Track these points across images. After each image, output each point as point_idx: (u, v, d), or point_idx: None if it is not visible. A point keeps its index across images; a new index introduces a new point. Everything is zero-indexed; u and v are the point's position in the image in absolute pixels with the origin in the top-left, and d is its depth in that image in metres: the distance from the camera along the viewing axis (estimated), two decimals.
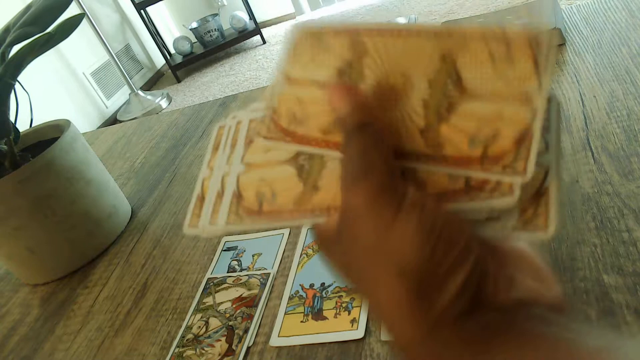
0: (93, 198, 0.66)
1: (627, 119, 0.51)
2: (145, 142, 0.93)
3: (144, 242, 0.66)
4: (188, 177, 0.75)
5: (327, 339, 0.43)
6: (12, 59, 0.57)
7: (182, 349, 0.47)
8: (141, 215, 0.71)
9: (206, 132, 0.87)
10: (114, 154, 0.94)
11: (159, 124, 0.98)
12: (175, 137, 0.90)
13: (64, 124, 0.67)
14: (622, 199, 0.43)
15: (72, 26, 0.60)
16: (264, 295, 0.49)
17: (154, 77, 4.04)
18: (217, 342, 0.47)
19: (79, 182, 0.64)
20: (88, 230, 0.66)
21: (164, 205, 0.71)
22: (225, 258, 0.56)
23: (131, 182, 0.81)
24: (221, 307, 0.50)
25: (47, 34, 0.57)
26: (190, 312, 0.51)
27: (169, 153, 0.85)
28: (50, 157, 0.61)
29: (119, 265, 0.63)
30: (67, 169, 0.63)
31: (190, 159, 0.80)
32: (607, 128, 0.51)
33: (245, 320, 0.48)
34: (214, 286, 0.53)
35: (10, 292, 0.67)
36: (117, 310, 0.56)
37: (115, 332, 0.53)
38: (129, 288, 0.59)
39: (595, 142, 0.50)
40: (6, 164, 0.63)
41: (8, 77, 0.57)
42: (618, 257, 0.39)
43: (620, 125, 0.50)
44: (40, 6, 0.59)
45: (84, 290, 0.62)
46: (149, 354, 0.49)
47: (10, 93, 0.60)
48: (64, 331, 0.57)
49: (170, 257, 0.61)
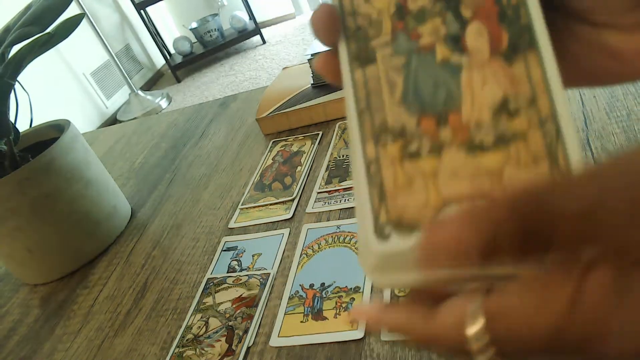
0: (93, 198, 0.66)
1: (627, 119, 0.51)
2: (145, 142, 0.93)
3: (144, 242, 0.66)
4: (188, 177, 0.75)
5: (327, 339, 0.43)
6: (12, 59, 0.57)
7: (182, 349, 0.47)
8: (141, 215, 0.71)
9: (206, 132, 0.87)
10: (114, 154, 0.94)
11: (159, 124, 0.98)
12: (175, 137, 0.90)
13: (64, 124, 0.67)
14: None
15: (72, 26, 0.60)
16: (264, 296, 0.49)
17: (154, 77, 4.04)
18: (217, 342, 0.47)
19: (79, 182, 0.64)
20: (88, 230, 0.66)
21: (164, 205, 0.71)
22: (225, 258, 0.56)
23: (131, 182, 0.81)
24: (221, 307, 0.50)
25: (47, 34, 0.57)
26: (190, 312, 0.51)
27: (169, 153, 0.85)
28: (50, 157, 0.61)
29: (119, 265, 0.63)
30: (67, 169, 0.63)
31: (190, 159, 0.80)
32: (607, 128, 0.51)
33: (245, 320, 0.48)
34: (214, 286, 0.53)
35: (10, 292, 0.67)
36: (117, 310, 0.56)
37: (115, 332, 0.53)
38: (129, 288, 0.59)
39: (595, 142, 0.50)
40: (6, 164, 0.63)
41: (8, 77, 0.57)
42: None
43: (620, 126, 0.51)
44: (40, 6, 0.59)
45: (84, 290, 0.62)
46: (148, 354, 0.49)
47: (10, 93, 0.60)
48: (64, 331, 0.57)
49: (170, 257, 0.61)
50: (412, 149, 0.20)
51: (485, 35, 0.20)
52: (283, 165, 0.68)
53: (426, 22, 0.21)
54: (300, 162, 0.67)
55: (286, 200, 0.61)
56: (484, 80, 0.20)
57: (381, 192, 0.20)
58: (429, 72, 0.21)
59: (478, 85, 0.20)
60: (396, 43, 0.22)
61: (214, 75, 3.65)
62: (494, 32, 0.20)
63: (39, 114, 0.84)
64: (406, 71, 0.21)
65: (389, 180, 0.20)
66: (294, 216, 0.58)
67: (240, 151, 0.76)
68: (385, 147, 0.21)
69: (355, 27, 0.22)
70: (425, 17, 0.21)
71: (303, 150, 0.69)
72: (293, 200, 0.61)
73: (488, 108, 0.20)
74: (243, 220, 0.61)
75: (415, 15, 0.22)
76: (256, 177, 0.68)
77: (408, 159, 0.20)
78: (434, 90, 0.21)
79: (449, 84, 0.21)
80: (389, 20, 0.22)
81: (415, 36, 0.21)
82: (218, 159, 0.77)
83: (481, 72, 0.20)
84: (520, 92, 0.20)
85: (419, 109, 0.21)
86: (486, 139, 0.19)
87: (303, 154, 0.68)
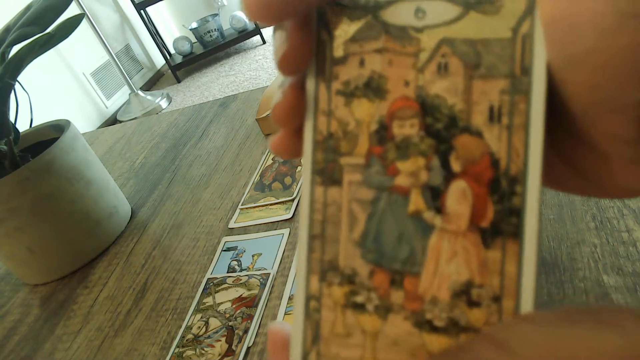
0: (93, 198, 0.66)
1: None
2: (145, 142, 0.93)
3: (144, 242, 0.66)
4: (188, 177, 0.75)
5: None
6: (12, 59, 0.57)
7: (182, 349, 0.47)
8: (141, 215, 0.71)
9: (206, 132, 0.87)
10: (114, 154, 0.94)
11: (159, 124, 0.98)
12: (175, 137, 0.90)
13: (64, 124, 0.67)
14: (622, 199, 0.43)
15: (72, 26, 0.60)
16: (264, 296, 0.49)
17: (154, 77, 4.04)
18: (217, 342, 0.47)
19: (79, 182, 0.64)
20: (88, 230, 0.66)
21: (164, 205, 0.71)
22: (225, 258, 0.56)
23: (131, 182, 0.81)
24: (221, 307, 0.50)
25: (47, 34, 0.57)
26: (190, 312, 0.51)
27: (169, 153, 0.85)
28: (50, 157, 0.61)
29: (119, 265, 0.64)
30: (67, 169, 0.63)
31: (190, 159, 0.80)
32: None
33: (245, 320, 0.48)
34: (214, 286, 0.53)
35: (10, 292, 0.67)
36: (117, 310, 0.56)
37: (115, 332, 0.54)
38: (129, 288, 0.59)
39: None
40: (6, 164, 0.63)
41: (8, 77, 0.57)
42: (618, 257, 0.39)
43: None
44: (40, 6, 0.59)
45: (84, 290, 0.62)
46: (148, 354, 0.49)
47: (10, 93, 0.60)
48: (64, 331, 0.57)
49: (170, 257, 0.61)
50: (357, 299, 0.19)
51: (468, 202, 0.17)
52: (283, 165, 0.68)
53: (408, 159, 0.18)
54: (300, 162, 0.67)
55: (286, 200, 0.61)
56: (453, 253, 0.18)
57: (316, 334, 0.19)
58: (397, 221, 0.18)
59: (445, 257, 0.18)
60: (368, 172, 0.19)
61: (214, 75, 3.65)
62: (479, 201, 0.17)
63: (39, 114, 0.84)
64: (372, 209, 0.19)
65: (326, 324, 0.19)
66: (294, 216, 0.58)
67: (240, 151, 0.76)
68: (330, 288, 0.19)
69: (327, 132, 0.19)
70: (409, 152, 0.18)
71: None
72: (293, 200, 0.61)
73: (448, 287, 0.18)
74: (243, 220, 0.61)
75: (397, 145, 0.18)
76: (256, 177, 0.68)
77: (351, 308, 0.19)
78: (396, 244, 0.18)
79: (415, 243, 0.18)
80: (367, 140, 0.19)
81: (391, 171, 0.18)
82: (218, 159, 0.77)
83: (453, 242, 0.18)
84: (488, 284, 0.17)
85: (376, 259, 0.19)
86: (437, 319, 0.18)
87: None
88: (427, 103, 0.18)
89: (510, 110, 0.17)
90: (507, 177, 0.17)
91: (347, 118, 0.19)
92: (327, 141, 0.19)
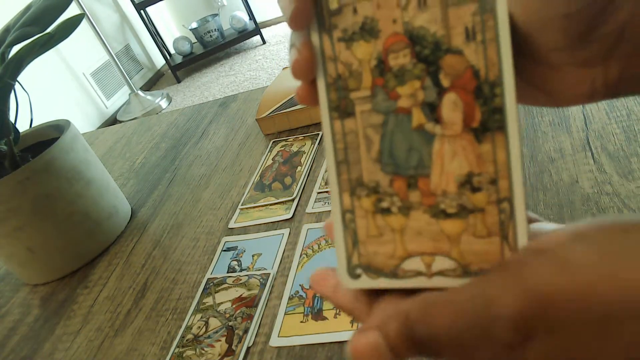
0: (93, 198, 0.66)
1: (627, 119, 0.51)
2: (145, 142, 0.93)
3: (144, 242, 0.66)
4: (188, 177, 0.75)
5: (327, 339, 0.43)
6: (12, 59, 0.57)
7: (182, 349, 0.47)
8: (141, 215, 0.71)
9: (206, 132, 0.87)
10: (114, 154, 0.94)
11: (159, 124, 0.98)
12: (175, 137, 0.90)
13: (64, 124, 0.67)
14: (621, 199, 0.43)
15: (72, 26, 0.60)
16: (263, 296, 0.49)
17: (154, 77, 4.04)
18: (217, 342, 0.47)
19: (79, 182, 0.64)
20: (88, 230, 0.66)
21: (164, 205, 0.71)
22: (225, 258, 0.56)
23: (131, 182, 0.81)
24: (221, 307, 0.50)
25: (47, 34, 0.57)
26: (190, 312, 0.51)
27: (169, 153, 0.85)
28: (50, 157, 0.61)
29: (119, 265, 0.63)
30: (67, 169, 0.63)
31: (190, 159, 0.80)
32: (606, 128, 0.51)
33: (245, 320, 0.48)
34: (214, 286, 0.53)
35: (10, 292, 0.67)
36: (117, 310, 0.56)
37: (115, 332, 0.54)
38: (129, 288, 0.59)
39: (595, 142, 0.50)
40: (6, 164, 0.63)
41: (8, 77, 0.57)
42: None
43: (620, 126, 0.51)
44: (40, 6, 0.59)
45: (84, 290, 0.62)
46: (148, 354, 0.49)
47: (10, 93, 0.60)
48: (64, 331, 0.57)
49: (170, 257, 0.61)
50: (383, 205, 0.23)
51: (460, 109, 0.21)
52: (283, 166, 0.68)
53: (405, 83, 0.22)
54: (300, 162, 0.67)
55: (286, 200, 0.61)
56: (454, 153, 0.21)
57: (354, 239, 0.23)
58: (404, 136, 0.22)
59: (448, 157, 0.22)
60: (375, 101, 0.22)
61: (214, 75, 3.65)
62: (468, 107, 0.21)
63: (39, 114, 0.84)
64: (383, 131, 0.22)
65: (362, 230, 0.23)
66: (294, 216, 0.58)
67: (240, 151, 0.76)
68: (360, 200, 0.23)
69: (336, 74, 0.23)
70: (405, 78, 0.22)
71: (303, 151, 0.69)
72: (293, 201, 0.61)
73: (454, 180, 0.22)
74: (243, 220, 0.61)
75: (395, 74, 0.22)
76: (256, 177, 0.68)
77: (380, 213, 0.23)
78: (407, 155, 0.22)
79: (422, 150, 0.22)
80: (370, 74, 0.22)
81: (394, 96, 0.22)
82: (218, 159, 0.77)
83: (452, 144, 0.21)
84: (485, 171, 0.21)
85: (393, 170, 0.23)
86: (449, 207, 0.22)
87: (303, 154, 0.68)
88: (414, 35, 0.21)
89: (482, 28, 0.21)
90: (488, 83, 0.21)
91: (350, 59, 0.22)
92: (337, 82, 0.23)
